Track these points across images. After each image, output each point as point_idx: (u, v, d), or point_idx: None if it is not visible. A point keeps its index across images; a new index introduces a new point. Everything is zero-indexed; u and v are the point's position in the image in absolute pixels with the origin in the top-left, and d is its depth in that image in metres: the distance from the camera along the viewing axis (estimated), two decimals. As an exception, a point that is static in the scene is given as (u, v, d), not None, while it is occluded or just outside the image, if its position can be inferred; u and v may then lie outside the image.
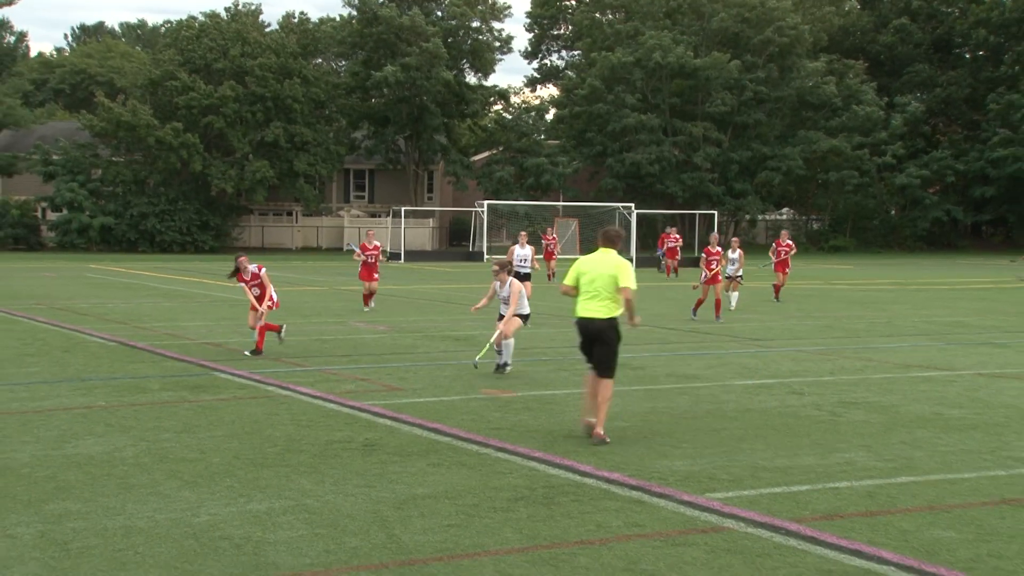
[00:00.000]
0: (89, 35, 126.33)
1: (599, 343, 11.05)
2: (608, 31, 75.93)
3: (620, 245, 11.37)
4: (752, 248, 58.20)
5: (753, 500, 8.79)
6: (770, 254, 31.41)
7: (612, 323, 11.02)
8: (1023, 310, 28.28)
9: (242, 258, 17.95)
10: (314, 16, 71.19)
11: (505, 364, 15.67)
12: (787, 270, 30.71)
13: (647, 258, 52.19)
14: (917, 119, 74.55)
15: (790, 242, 31.38)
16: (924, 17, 79.07)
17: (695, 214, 62.81)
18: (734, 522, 8.19)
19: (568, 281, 11.39)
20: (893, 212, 77.72)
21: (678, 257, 45.54)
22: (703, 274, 25.08)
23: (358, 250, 26.61)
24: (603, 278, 10.97)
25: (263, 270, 17.81)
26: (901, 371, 16.68)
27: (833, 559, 7.36)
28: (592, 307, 11.02)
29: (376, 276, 26.32)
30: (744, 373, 16.33)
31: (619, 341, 11.18)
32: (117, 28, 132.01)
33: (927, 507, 8.72)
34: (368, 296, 26.14)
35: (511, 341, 15.78)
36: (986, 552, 7.55)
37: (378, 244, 27.25)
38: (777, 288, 30.21)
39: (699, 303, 25.12)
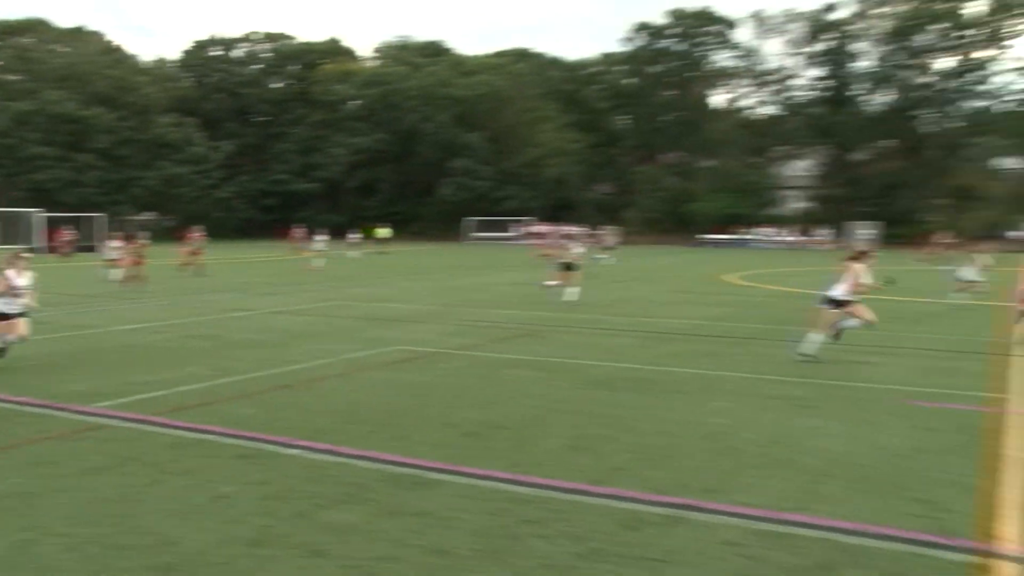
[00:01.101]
0: None
1: None
2: (14, 88, 64.31)
3: None
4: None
5: (127, 404, 8.36)
6: (185, 242, 29.43)
7: None
8: (296, 273, 29.43)
9: None
10: None
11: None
12: (202, 252, 28.68)
13: (53, 246, 45.18)
14: (231, 156, 74.19)
15: (200, 234, 29.84)
16: (256, 99, 78.69)
17: (85, 216, 55.43)
18: (115, 420, 7.75)
19: None
20: (219, 214, 75.54)
21: (75, 245, 41.13)
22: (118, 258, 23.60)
23: None
24: None
25: None
26: (225, 313, 16.60)
27: (179, 435, 7.31)
28: None
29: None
30: (123, 321, 15.18)
31: None
32: None
33: (239, 396, 8.92)
34: None
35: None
36: (273, 419, 7.95)
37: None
38: (192, 264, 27.66)
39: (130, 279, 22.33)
